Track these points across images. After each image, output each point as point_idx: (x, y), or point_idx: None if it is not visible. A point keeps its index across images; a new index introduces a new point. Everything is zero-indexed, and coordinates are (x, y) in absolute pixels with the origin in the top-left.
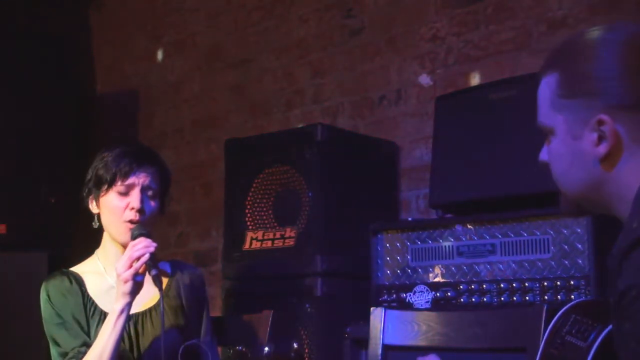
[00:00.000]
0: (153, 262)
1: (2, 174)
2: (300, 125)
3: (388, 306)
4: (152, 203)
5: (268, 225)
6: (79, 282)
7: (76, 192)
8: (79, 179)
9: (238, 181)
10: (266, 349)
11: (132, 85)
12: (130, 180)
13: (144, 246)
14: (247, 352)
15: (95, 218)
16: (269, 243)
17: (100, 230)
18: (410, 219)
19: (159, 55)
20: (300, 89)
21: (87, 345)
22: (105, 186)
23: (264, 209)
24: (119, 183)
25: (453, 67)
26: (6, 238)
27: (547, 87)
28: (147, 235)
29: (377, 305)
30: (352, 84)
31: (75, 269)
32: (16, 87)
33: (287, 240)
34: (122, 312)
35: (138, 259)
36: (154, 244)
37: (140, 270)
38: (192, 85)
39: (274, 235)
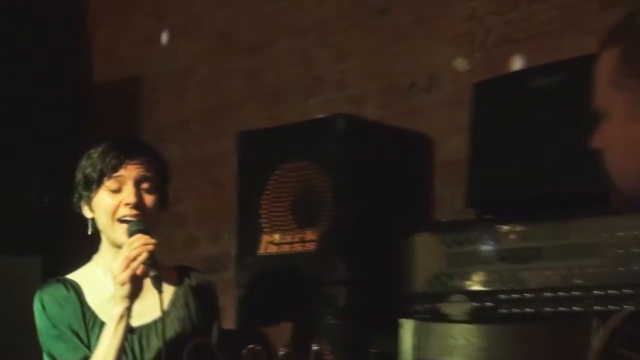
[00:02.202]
0: (152, 262)
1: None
2: (321, 116)
3: (420, 318)
4: (150, 196)
5: (286, 227)
6: (76, 290)
7: (71, 191)
8: (74, 175)
9: (252, 178)
10: (282, 350)
11: (132, 72)
12: (120, 172)
13: (141, 244)
14: (262, 351)
15: (89, 224)
16: (287, 247)
17: (98, 234)
18: (445, 219)
19: (163, 38)
20: (320, 75)
21: (87, 359)
22: (95, 185)
23: (281, 209)
24: (109, 179)
25: (492, 50)
26: None
27: (605, 64)
28: (146, 232)
29: (408, 316)
30: (379, 69)
31: (72, 276)
32: (2, 79)
33: (307, 244)
34: (121, 317)
35: (135, 258)
36: (153, 241)
37: (139, 272)
38: (200, 72)
39: (293, 238)
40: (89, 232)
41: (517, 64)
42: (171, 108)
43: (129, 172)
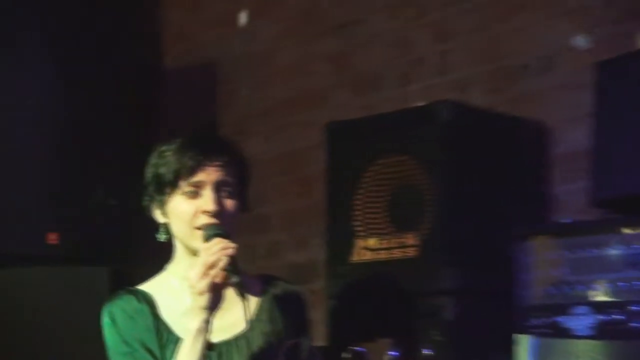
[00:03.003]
0: (233, 268)
1: (49, 173)
2: (420, 103)
3: (538, 333)
4: (230, 202)
5: (382, 231)
6: (149, 302)
7: (141, 192)
8: (143, 175)
9: (343, 175)
10: (391, 353)
11: (207, 57)
12: (198, 177)
13: (220, 248)
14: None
15: (161, 229)
16: (384, 253)
17: (172, 240)
18: (565, 220)
19: (241, 19)
20: (419, 58)
21: None
22: (169, 189)
23: (377, 211)
24: (185, 182)
25: (616, 26)
26: (58, 250)
27: None
28: (225, 236)
29: (524, 331)
30: (486, 49)
31: (144, 286)
32: (63, 64)
33: (407, 250)
34: (199, 332)
35: (214, 264)
36: (233, 245)
37: (219, 279)
38: (284, 56)
39: (390, 243)
40: (162, 239)
41: None
42: (251, 97)
43: (208, 176)
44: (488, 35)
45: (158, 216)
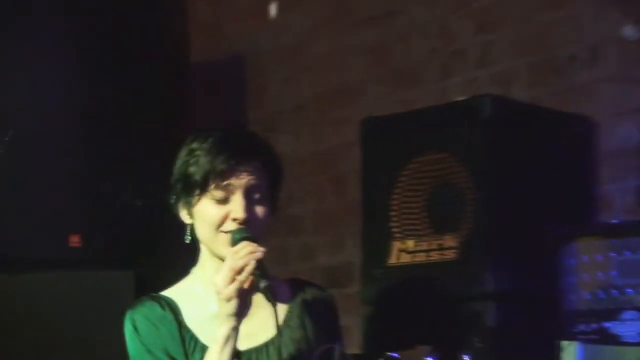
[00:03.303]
0: (262, 272)
1: (72, 170)
2: (461, 98)
3: (584, 339)
4: (260, 209)
5: (421, 232)
6: (173, 309)
7: (167, 192)
8: (171, 173)
9: (380, 174)
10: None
11: (236, 50)
12: (229, 181)
13: (248, 252)
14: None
15: (187, 230)
16: (423, 256)
17: (197, 242)
18: (615, 220)
19: (271, 10)
20: (460, 49)
21: None
22: (197, 191)
23: (415, 211)
24: (215, 186)
25: None
26: (81, 252)
27: None
28: (252, 239)
29: (570, 337)
30: (531, 40)
31: (168, 292)
32: (88, 58)
33: (446, 252)
34: (227, 339)
35: (242, 269)
36: (261, 249)
37: (247, 285)
38: (316, 48)
39: (429, 245)
40: (187, 240)
41: None
42: (282, 92)
43: (239, 181)
44: (533, 25)
45: (184, 217)
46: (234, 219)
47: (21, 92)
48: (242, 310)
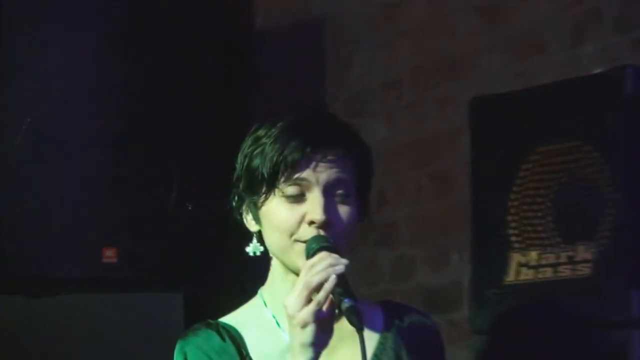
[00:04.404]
0: (345, 290)
1: (104, 169)
2: (596, 70)
3: None
4: (344, 209)
5: (546, 242)
6: (235, 339)
7: (228, 191)
8: (231, 170)
9: (494, 168)
10: None
11: (312, 13)
12: (304, 174)
13: (327, 265)
14: None
15: (254, 239)
16: (549, 271)
17: (266, 258)
18: None
19: None
20: (594, 9)
21: None
22: (264, 187)
23: (539, 215)
24: (286, 181)
25: None
26: (118, 270)
27: None
28: (333, 249)
29: None
30: None
31: (229, 319)
32: (119, 28)
33: (579, 267)
34: None
35: (320, 286)
36: (344, 261)
37: (326, 307)
38: (413, 9)
39: (557, 258)
40: (252, 252)
41: None
42: (370, 64)
43: (317, 174)
44: None
45: (249, 223)
46: (310, 222)
47: (43, 76)
48: (320, 339)
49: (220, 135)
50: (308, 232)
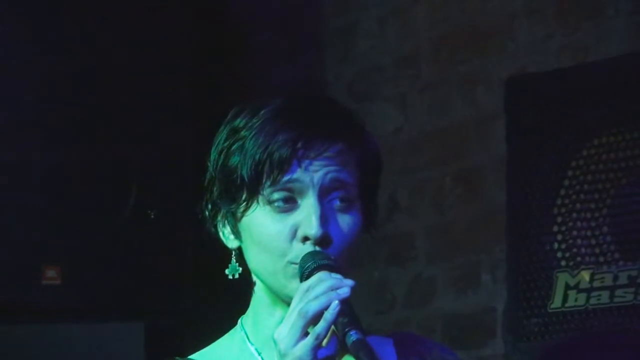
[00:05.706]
0: (350, 319)
1: (49, 165)
2: None
3: None
4: (346, 219)
5: (602, 258)
6: None
7: (198, 200)
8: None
9: (535, 167)
10: None
11: None
12: (295, 176)
13: (327, 289)
14: None
15: (233, 258)
16: (606, 295)
17: (246, 280)
18: None
19: None
20: None
21: None
22: (244, 194)
23: (592, 224)
24: (272, 185)
25: None
26: (61, 293)
27: None
28: (334, 268)
29: None
30: None
31: (203, 355)
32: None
33: None
34: None
35: (319, 316)
36: (348, 282)
37: (325, 342)
38: None
39: (616, 279)
40: (230, 274)
41: None
42: (379, 37)
43: (311, 175)
44: None
45: (226, 238)
46: (305, 238)
47: None
48: None
49: (191, 125)
50: (304, 250)
